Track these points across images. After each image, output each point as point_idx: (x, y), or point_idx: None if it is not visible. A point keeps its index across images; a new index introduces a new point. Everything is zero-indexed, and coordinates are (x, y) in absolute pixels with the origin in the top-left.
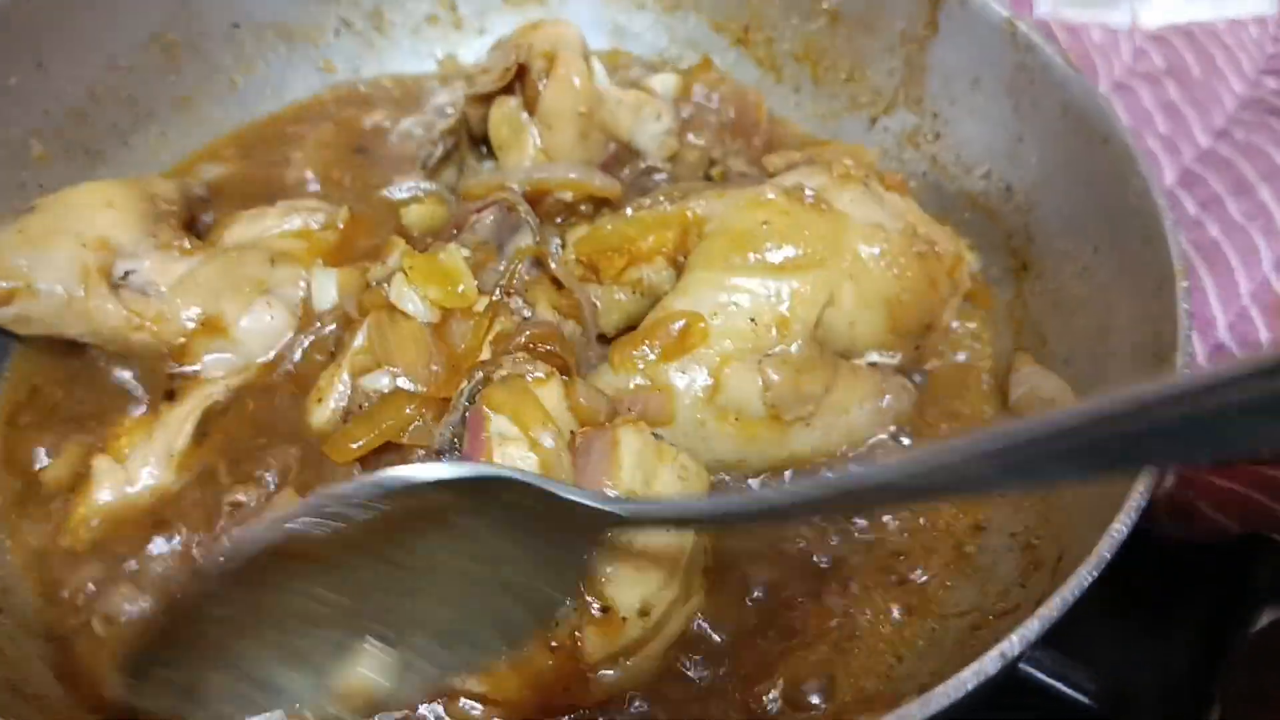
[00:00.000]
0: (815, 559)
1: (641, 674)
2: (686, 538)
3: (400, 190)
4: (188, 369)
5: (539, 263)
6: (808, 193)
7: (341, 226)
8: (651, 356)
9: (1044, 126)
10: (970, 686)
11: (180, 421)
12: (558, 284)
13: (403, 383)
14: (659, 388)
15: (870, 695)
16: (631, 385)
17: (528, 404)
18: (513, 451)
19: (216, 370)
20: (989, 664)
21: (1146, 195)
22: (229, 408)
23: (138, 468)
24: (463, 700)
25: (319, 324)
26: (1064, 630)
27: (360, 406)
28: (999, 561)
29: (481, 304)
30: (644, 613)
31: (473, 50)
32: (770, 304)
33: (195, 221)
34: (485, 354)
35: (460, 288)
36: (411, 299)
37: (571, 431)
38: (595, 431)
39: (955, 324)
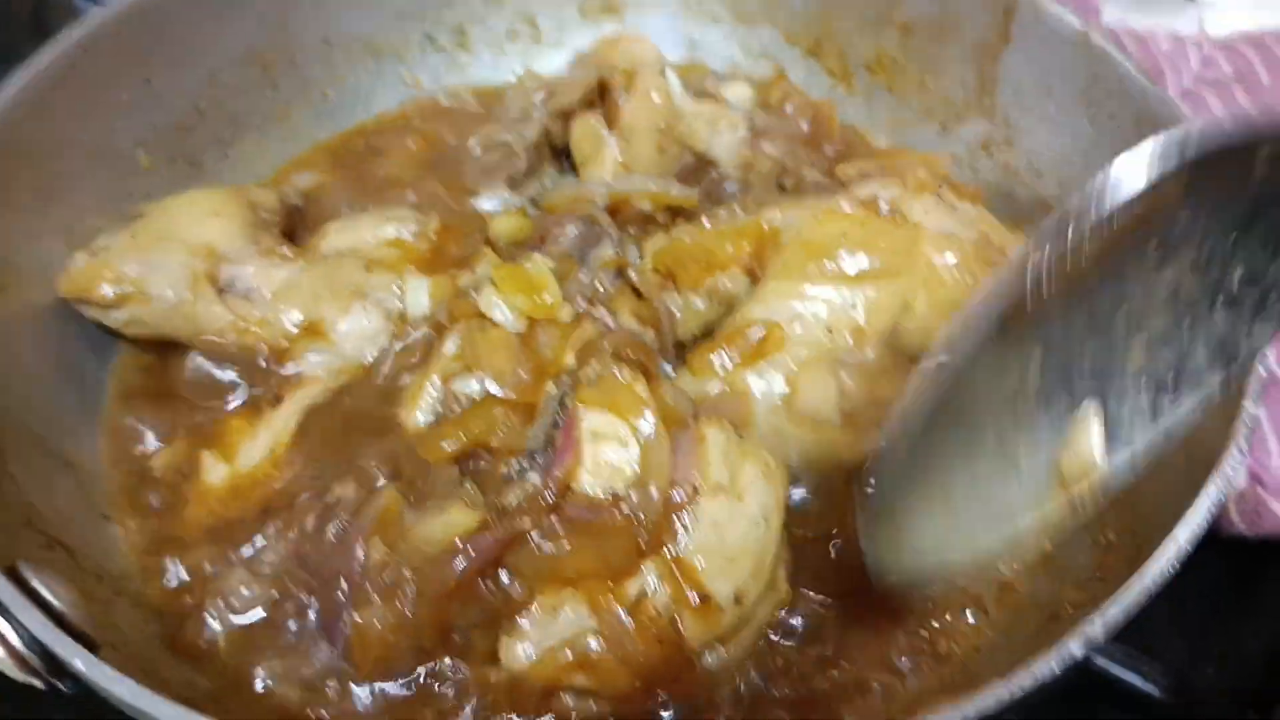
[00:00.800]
0: None
1: (738, 659)
2: (771, 533)
3: (486, 202)
4: (289, 370)
5: (621, 273)
6: (882, 204)
7: (434, 238)
8: (730, 363)
9: (1118, 136)
10: (1054, 669)
11: (284, 420)
12: (638, 294)
13: (491, 388)
14: (737, 393)
15: (949, 683)
16: (711, 390)
17: (623, 396)
18: (607, 450)
19: (316, 371)
20: (1074, 647)
21: None
22: (326, 408)
23: (243, 462)
24: (568, 695)
25: (412, 330)
26: (1133, 624)
27: (452, 410)
28: (1075, 555)
29: (566, 313)
30: (738, 600)
31: (551, 64)
32: (846, 313)
33: (293, 229)
34: (569, 361)
35: (547, 298)
36: (500, 308)
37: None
38: (680, 429)
39: None
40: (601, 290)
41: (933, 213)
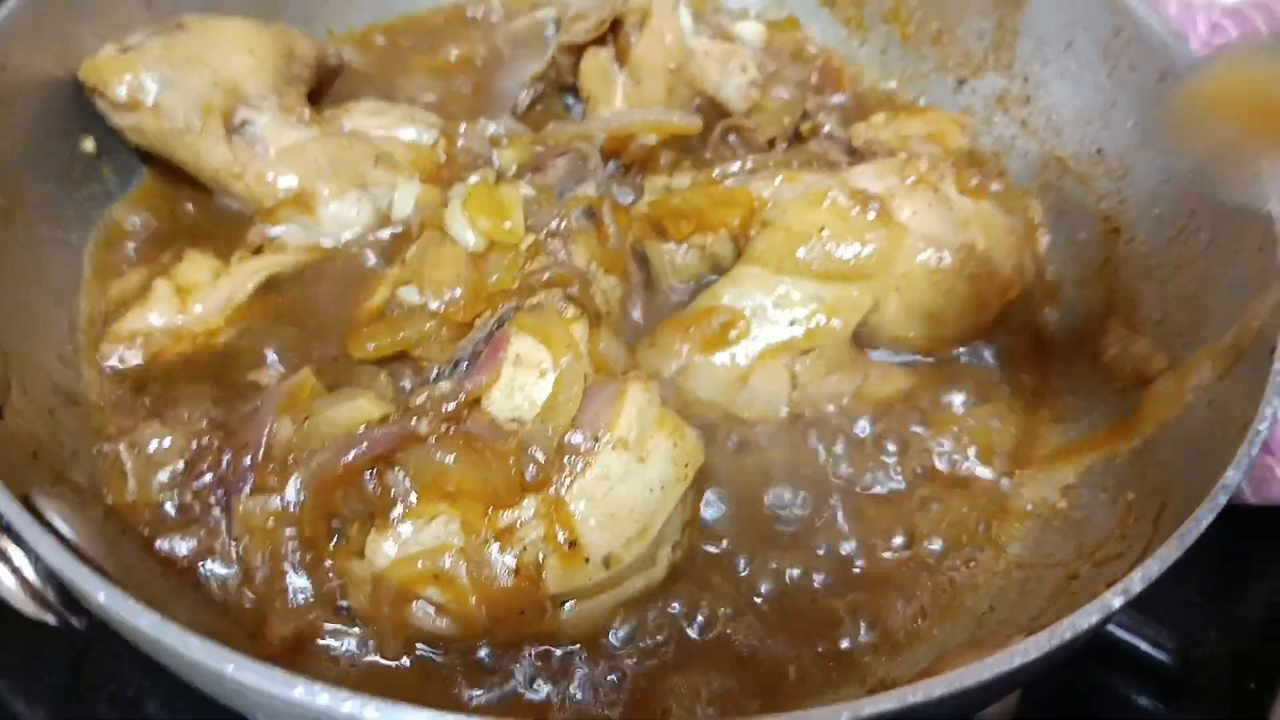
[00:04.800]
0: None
1: (588, 620)
2: (667, 502)
3: (493, 125)
4: (265, 230)
5: (592, 214)
6: (871, 203)
7: (444, 159)
8: (690, 347)
9: (1140, 91)
10: (1094, 620)
11: (247, 276)
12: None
13: (430, 300)
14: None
15: (964, 641)
16: (666, 369)
17: (558, 330)
18: (523, 377)
19: (293, 240)
20: (1112, 599)
21: None
22: (286, 280)
23: (194, 303)
24: (420, 605)
25: (389, 229)
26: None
27: (392, 313)
28: (1093, 514)
29: (527, 243)
30: (607, 561)
31: None
32: (813, 309)
33: (320, 91)
34: (513, 289)
35: (508, 224)
36: (461, 225)
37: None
38: (606, 379)
39: None
40: (568, 226)
41: (921, 214)
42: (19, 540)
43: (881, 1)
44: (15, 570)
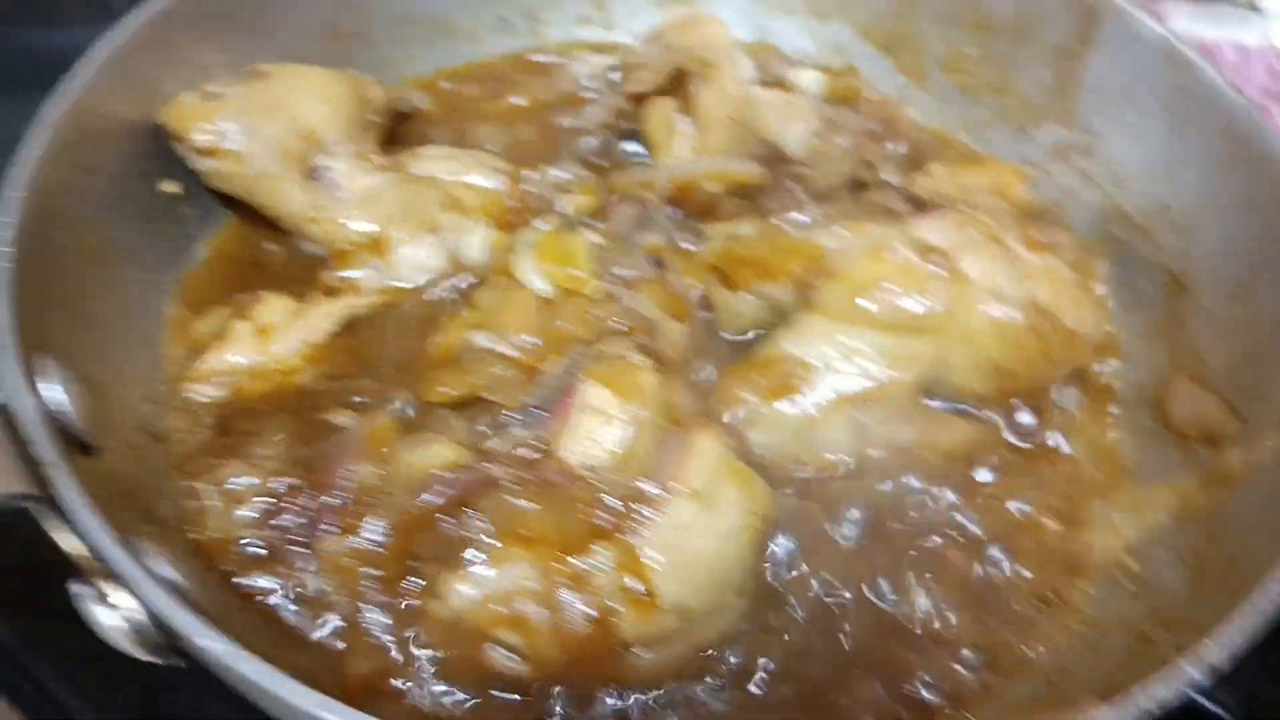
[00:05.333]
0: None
1: (660, 666)
2: (738, 552)
3: (559, 172)
4: (341, 274)
5: (658, 262)
6: (937, 257)
7: (513, 195)
8: (755, 399)
9: (1203, 147)
10: (1176, 691)
11: (323, 317)
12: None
13: (501, 345)
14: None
15: (1033, 700)
16: (731, 418)
17: (629, 381)
18: (596, 426)
19: (367, 283)
20: (1194, 672)
21: None
22: (362, 321)
23: (273, 343)
24: (495, 647)
25: (461, 272)
26: None
27: (464, 357)
28: (1164, 575)
29: (593, 289)
30: (681, 609)
31: None
32: (880, 361)
33: (391, 136)
34: (582, 335)
35: (576, 271)
36: (531, 272)
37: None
38: (677, 429)
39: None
40: (635, 274)
41: (988, 270)
42: (125, 583)
43: (940, 50)
44: (121, 614)
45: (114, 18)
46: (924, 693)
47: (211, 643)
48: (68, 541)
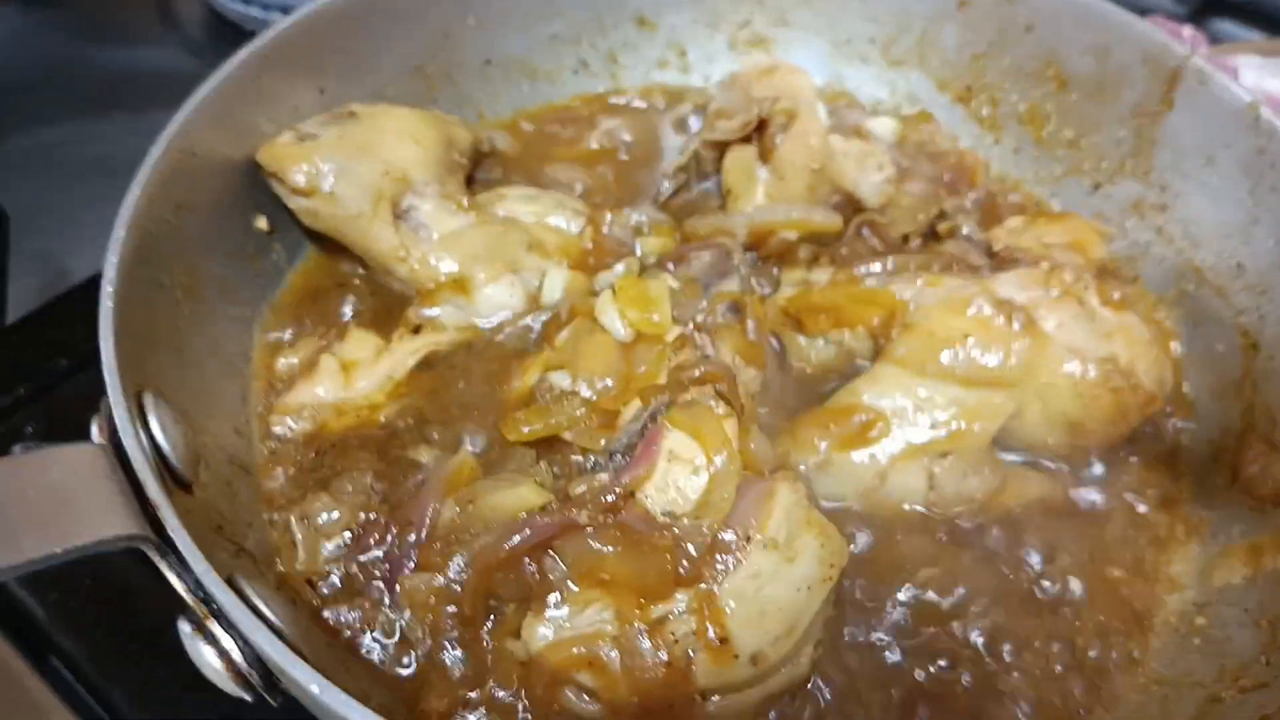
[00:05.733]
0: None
1: (733, 715)
2: (813, 602)
3: (636, 215)
4: (426, 311)
5: (736, 309)
6: (1017, 314)
7: (593, 237)
8: (829, 443)
9: None
10: None
11: (407, 354)
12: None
13: (581, 387)
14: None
15: None
16: (804, 465)
17: (710, 427)
18: (678, 473)
19: (450, 321)
20: None
21: None
22: (443, 358)
23: (358, 379)
24: (571, 691)
25: (539, 312)
26: None
27: (543, 397)
28: (1235, 635)
29: (673, 334)
30: (755, 658)
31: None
32: (955, 413)
33: (472, 176)
34: (662, 380)
35: (656, 316)
36: (611, 316)
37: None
38: (755, 478)
39: None
40: (713, 321)
41: (1066, 325)
42: (225, 623)
43: (1017, 103)
44: (223, 653)
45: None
46: None
47: (314, 685)
48: (177, 580)
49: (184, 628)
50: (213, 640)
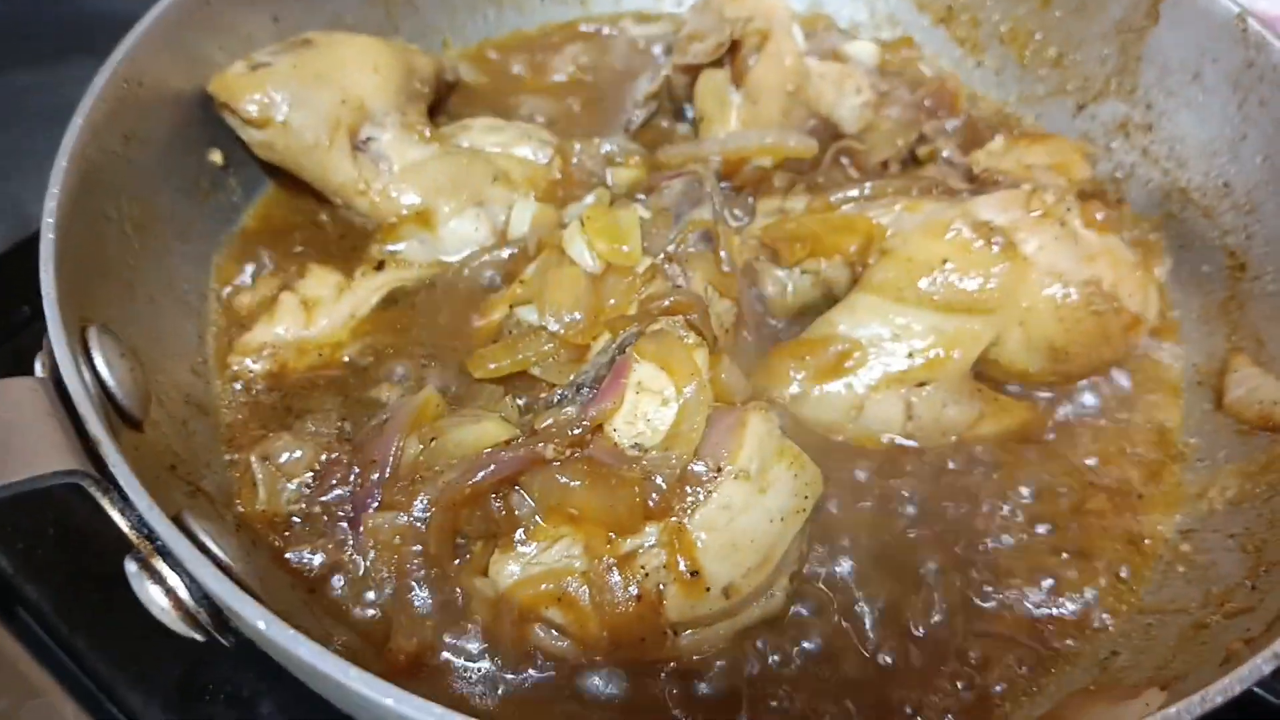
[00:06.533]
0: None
1: (706, 648)
2: (787, 533)
3: (607, 145)
4: (388, 247)
5: (709, 238)
6: (996, 236)
7: (559, 177)
8: (805, 375)
9: (1271, 127)
10: (1245, 686)
11: (370, 291)
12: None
13: (548, 321)
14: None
15: (1090, 685)
16: (780, 396)
17: (681, 357)
18: (646, 405)
19: (413, 256)
20: (1264, 665)
21: None
22: (407, 296)
23: (319, 317)
24: (540, 627)
25: (506, 246)
26: None
27: (509, 332)
28: (1220, 560)
29: (644, 266)
30: (727, 591)
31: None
32: (933, 341)
33: (437, 107)
34: (632, 312)
35: (626, 247)
36: (579, 247)
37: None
38: (726, 408)
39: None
40: (684, 250)
41: (1048, 248)
42: (172, 562)
43: (999, 22)
44: (170, 591)
45: None
46: (979, 679)
47: (260, 620)
48: (120, 518)
49: (130, 566)
50: (159, 579)
